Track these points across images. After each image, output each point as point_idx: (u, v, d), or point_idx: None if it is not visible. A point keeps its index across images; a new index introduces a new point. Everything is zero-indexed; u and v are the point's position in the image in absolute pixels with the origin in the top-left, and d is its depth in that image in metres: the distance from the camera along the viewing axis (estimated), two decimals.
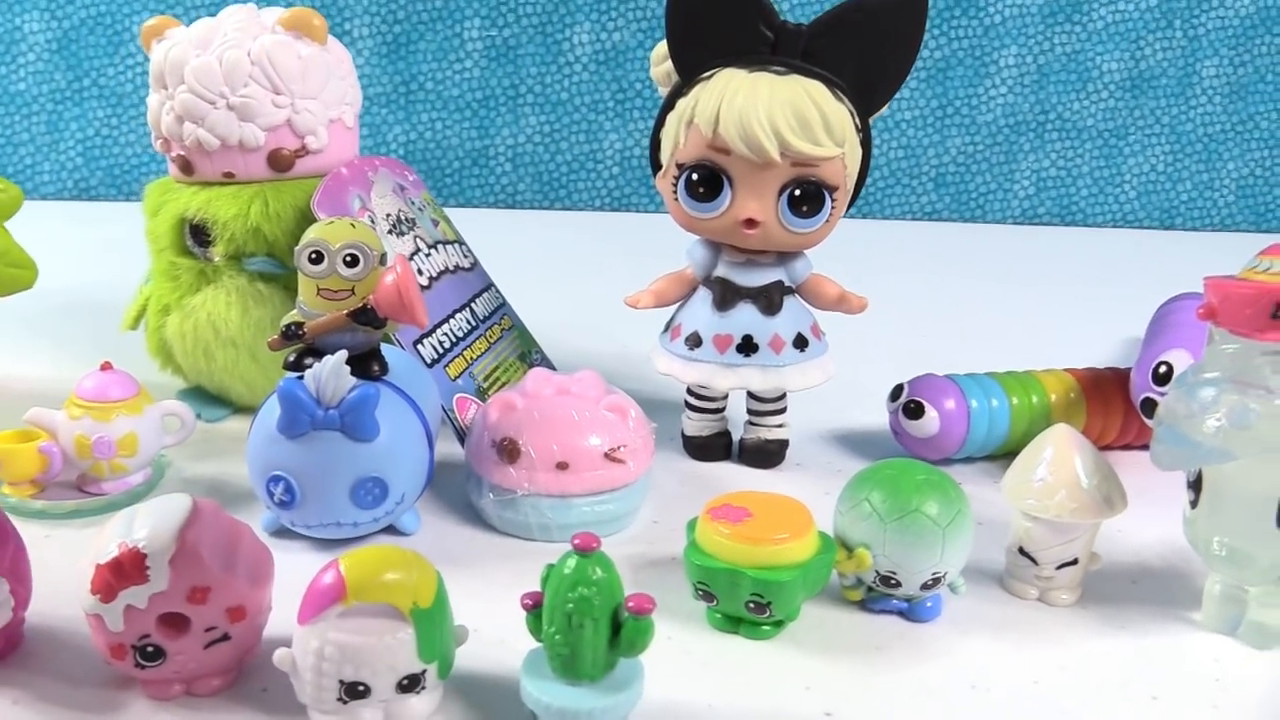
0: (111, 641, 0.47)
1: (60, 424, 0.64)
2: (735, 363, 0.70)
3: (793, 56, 0.66)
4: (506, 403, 0.64)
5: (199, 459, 0.72)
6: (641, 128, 1.50)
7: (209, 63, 0.70)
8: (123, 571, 0.46)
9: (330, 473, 0.58)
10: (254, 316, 0.74)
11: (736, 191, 0.67)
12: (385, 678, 0.46)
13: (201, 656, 0.48)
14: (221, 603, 0.47)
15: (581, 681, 0.45)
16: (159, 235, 0.76)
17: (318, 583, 0.46)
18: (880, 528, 0.55)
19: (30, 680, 0.50)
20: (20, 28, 1.46)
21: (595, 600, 0.44)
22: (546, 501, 0.62)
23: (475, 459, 0.64)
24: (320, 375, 0.57)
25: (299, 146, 0.73)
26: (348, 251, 0.60)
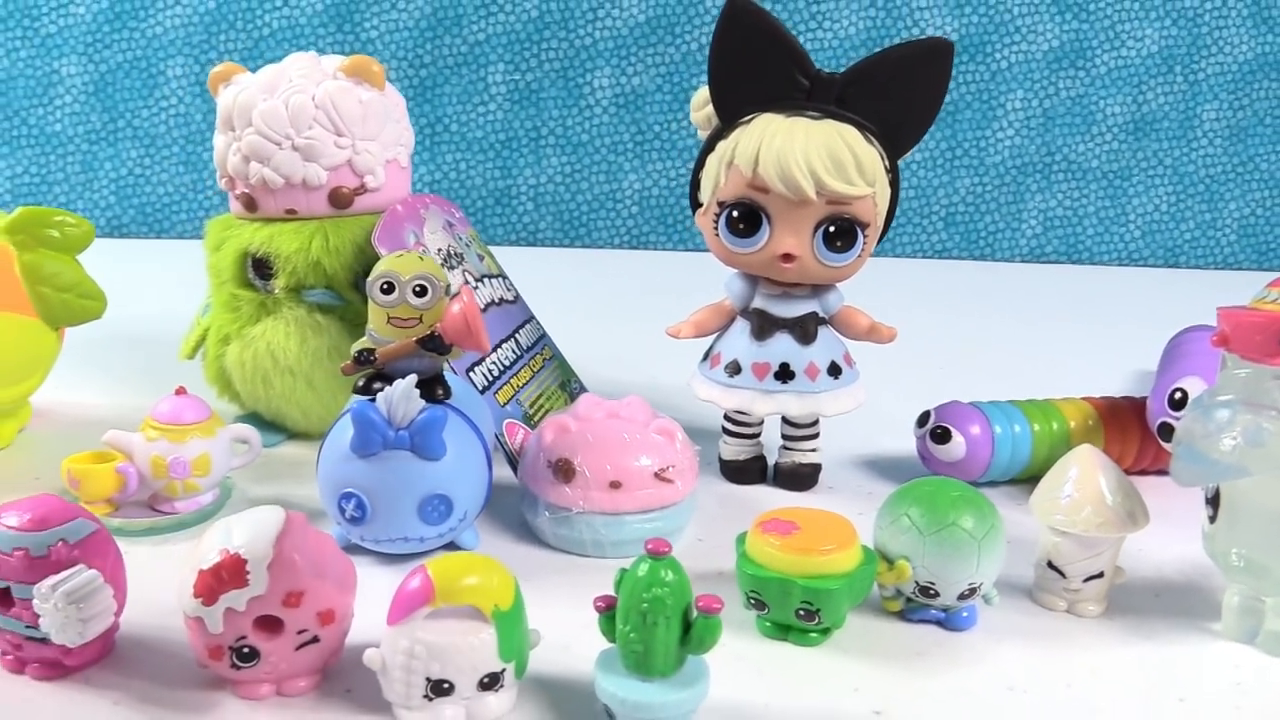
0: (210, 643, 0.50)
1: (136, 445, 0.68)
2: (773, 389, 0.74)
3: (827, 103, 0.70)
4: (560, 425, 0.68)
5: (259, 481, 0.76)
6: (660, 169, 1.55)
7: (276, 106, 0.75)
8: (224, 576, 0.49)
9: (399, 490, 0.62)
10: (312, 346, 0.78)
11: (774, 228, 0.71)
12: (468, 676, 0.49)
13: (293, 658, 0.51)
14: (313, 606, 0.51)
15: (653, 677, 0.49)
16: (221, 269, 0.80)
17: (405, 587, 0.50)
18: (920, 540, 0.59)
19: (126, 683, 0.53)
20: (58, 70, 1.51)
21: (668, 600, 0.48)
22: (600, 519, 0.66)
23: (531, 479, 0.68)
24: (392, 398, 0.61)
25: (358, 185, 0.78)
26: (417, 282, 0.64)
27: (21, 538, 0.51)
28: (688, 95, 1.53)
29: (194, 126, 1.54)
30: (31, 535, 0.51)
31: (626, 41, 1.52)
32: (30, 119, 1.53)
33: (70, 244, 0.76)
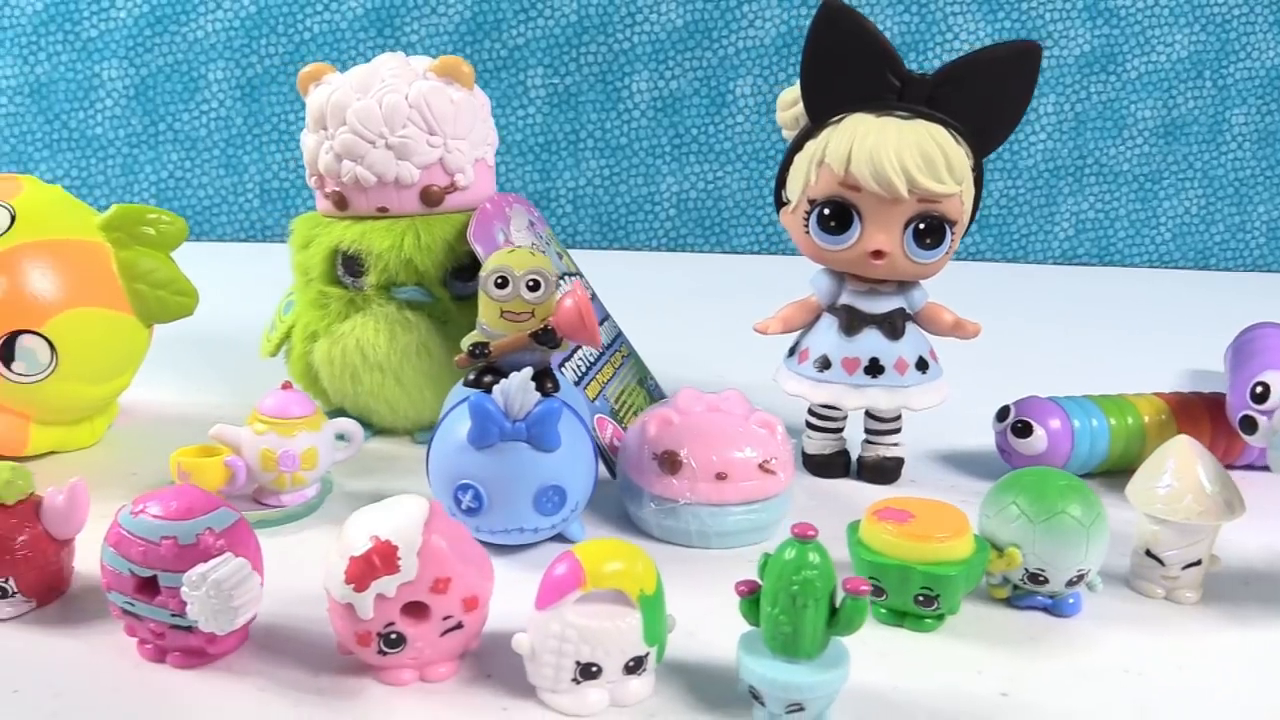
0: (359, 629, 0.51)
1: (244, 439, 0.69)
2: (862, 384, 0.75)
3: (918, 103, 0.72)
4: (663, 419, 0.69)
5: (353, 476, 0.76)
6: (697, 171, 1.57)
7: (370, 105, 0.76)
8: (377, 562, 0.50)
9: (516, 481, 0.63)
10: (401, 343, 0.78)
11: (865, 225, 0.72)
12: (616, 659, 0.50)
13: (437, 644, 0.52)
14: (459, 593, 0.52)
15: (799, 659, 0.50)
16: (310, 266, 0.81)
17: (552, 572, 0.51)
18: (1030, 528, 0.60)
19: (267, 670, 0.53)
20: (99, 74, 1.52)
21: (818, 582, 0.49)
22: (706, 510, 0.67)
23: (634, 471, 0.69)
24: (509, 391, 0.62)
25: (448, 183, 0.79)
26: (530, 277, 0.65)
27: (170, 526, 0.51)
28: (725, 99, 1.55)
29: (234, 130, 1.55)
30: (180, 524, 0.51)
31: (664, 45, 1.54)
32: (71, 122, 1.54)
33: (165, 241, 0.77)
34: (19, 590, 0.57)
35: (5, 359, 0.71)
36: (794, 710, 0.50)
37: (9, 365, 0.71)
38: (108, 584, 0.53)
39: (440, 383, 0.80)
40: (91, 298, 0.74)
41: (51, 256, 0.72)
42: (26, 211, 0.73)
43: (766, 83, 1.54)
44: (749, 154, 1.56)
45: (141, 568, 0.51)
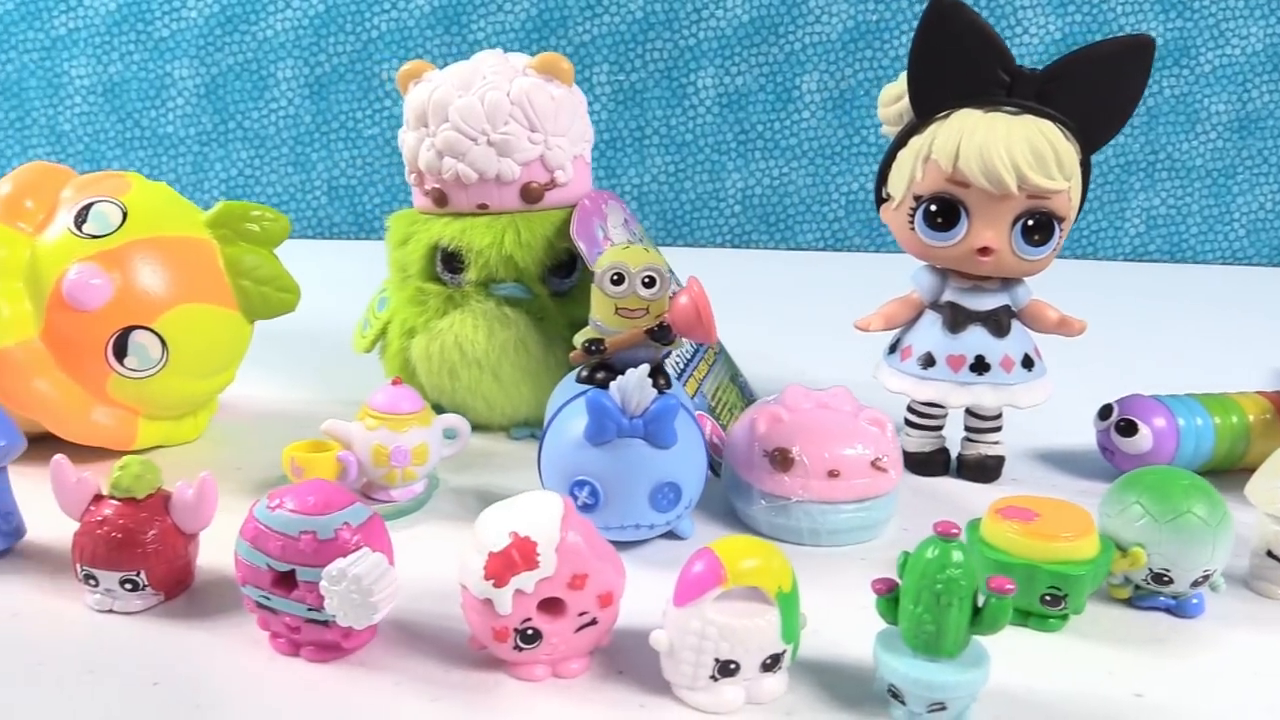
0: (496, 625, 0.51)
1: (356, 434, 0.69)
2: (968, 381, 0.75)
3: (1026, 98, 0.71)
4: (773, 416, 0.69)
5: (455, 471, 0.76)
6: (762, 168, 1.56)
7: (472, 102, 0.76)
8: (517, 558, 0.50)
9: (632, 477, 0.63)
10: (499, 339, 0.79)
11: (973, 221, 0.71)
12: (754, 656, 0.50)
13: (572, 640, 0.52)
14: (595, 589, 0.52)
15: (941, 658, 0.49)
16: (408, 263, 0.81)
17: (691, 569, 0.51)
18: (1155, 528, 0.59)
19: (401, 665, 0.54)
20: (170, 74, 1.53)
21: (962, 581, 0.48)
22: (818, 507, 0.67)
23: (744, 468, 0.69)
24: (626, 387, 0.62)
25: (548, 180, 0.79)
26: (646, 273, 0.65)
27: (309, 521, 0.52)
28: (790, 94, 1.54)
29: (303, 128, 1.56)
30: (318, 519, 0.52)
31: (730, 41, 1.53)
32: (143, 121, 1.55)
33: (268, 237, 0.78)
34: (149, 583, 0.57)
35: (118, 354, 0.71)
36: (936, 709, 0.50)
37: (121, 360, 0.72)
38: (243, 578, 0.53)
39: (537, 379, 0.80)
40: (200, 294, 0.74)
41: (162, 253, 0.73)
42: (137, 209, 0.73)
43: (832, 78, 1.53)
44: (814, 150, 1.55)
45: (279, 562, 0.52)
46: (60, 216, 0.73)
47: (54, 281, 0.70)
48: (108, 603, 0.57)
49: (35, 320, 0.71)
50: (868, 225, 1.57)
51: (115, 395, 0.73)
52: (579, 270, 0.82)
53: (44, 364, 0.71)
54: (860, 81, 1.53)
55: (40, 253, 0.71)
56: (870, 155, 1.54)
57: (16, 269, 0.71)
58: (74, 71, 1.54)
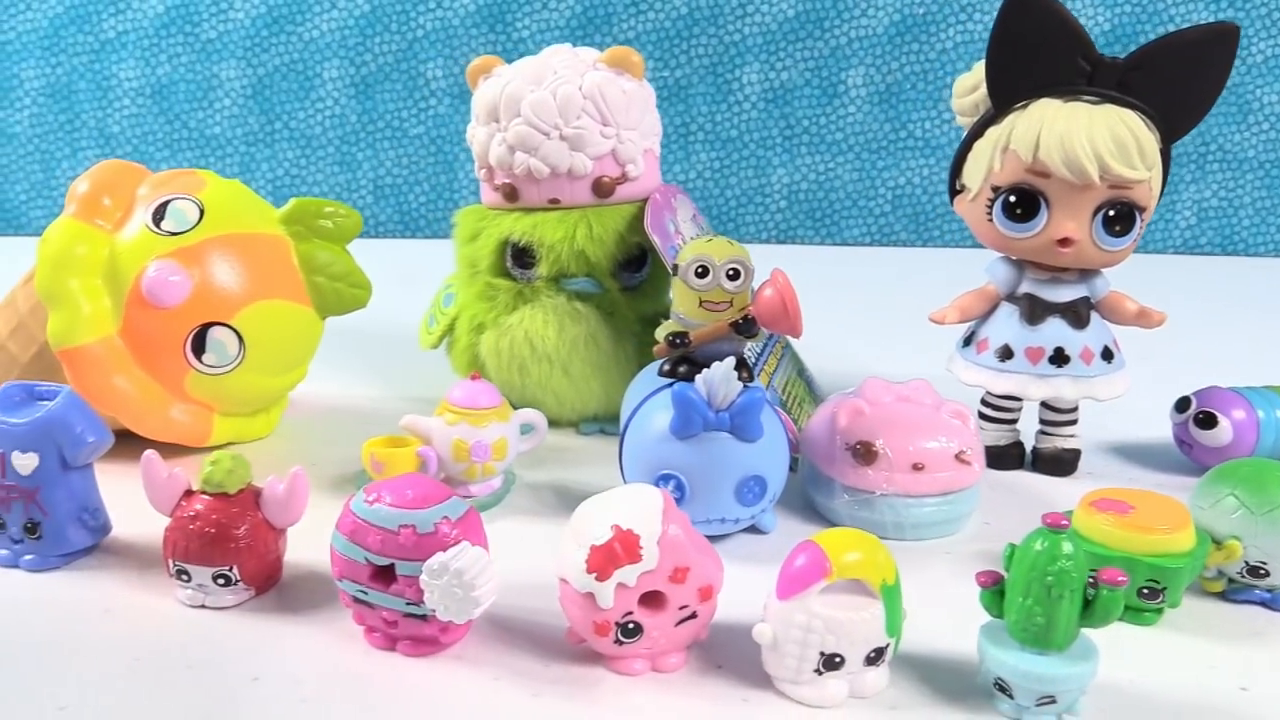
0: (598, 618, 0.51)
1: (435, 429, 0.69)
2: (1047, 373, 0.74)
3: (1107, 87, 0.70)
4: (854, 409, 0.68)
5: (529, 467, 0.76)
6: (808, 163, 1.55)
7: (544, 97, 0.76)
8: (619, 551, 0.50)
9: (718, 471, 0.63)
10: (570, 334, 0.78)
11: (1053, 212, 0.71)
12: (859, 650, 0.50)
13: (672, 633, 0.52)
14: (696, 582, 0.51)
15: (1050, 651, 0.49)
16: (478, 258, 0.81)
17: (793, 562, 0.50)
18: (1251, 521, 0.58)
19: (498, 659, 0.53)
20: (217, 75, 1.54)
21: (1074, 573, 0.48)
22: (902, 501, 0.66)
23: (824, 462, 0.68)
24: (712, 380, 0.62)
25: (620, 174, 0.78)
26: (731, 266, 0.64)
27: (408, 515, 0.51)
28: (836, 89, 1.53)
29: (349, 127, 1.56)
30: (417, 513, 0.51)
31: (775, 36, 1.52)
32: (190, 122, 1.56)
33: (341, 234, 0.77)
34: (241, 578, 0.57)
35: (196, 351, 0.71)
36: (1045, 703, 0.49)
37: (200, 357, 0.72)
38: (340, 572, 0.53)
39: (607, 374, 0.80)
40: (276, 290, 0.74)
41: (239, 250, 0.73)
42: (213, 205, 0.73)
43: (878, 72, 1.52)
44: (860, 144, 1.54)
45: (378, 556, 0.52)
46: (137, 214, 0.73)
47: (133, 278, 0.70)
48: (199, 598, 0.57)
49: (114, 317, 0.71)
50: (914, 220, 1.56)
51: (192, 392, 0.73)
52: (649, 265, 0.81)
53: (123, 361, 0.71)
54: (906, 75, 1.52)
55: (119, 250, 0.71)
56: (917, 150, 1.53)
57: (96, 266, 0.71)
58: (122, 74, 1.54)
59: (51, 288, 0.70)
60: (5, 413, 0.61)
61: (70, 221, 0.72)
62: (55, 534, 0.61)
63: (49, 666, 0.52)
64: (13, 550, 0.62)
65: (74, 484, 0.61)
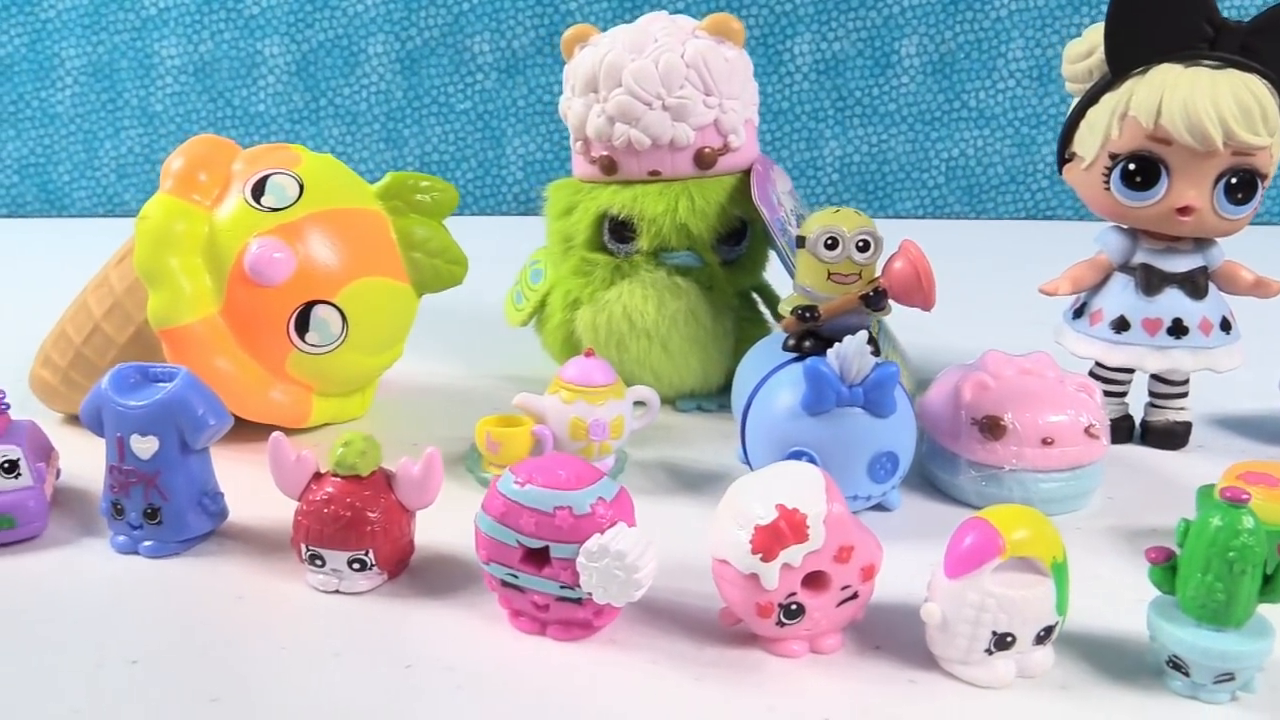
0: (761, 600, 0.49)
1: (550, 408, 0.67)
2: (1166, 345, 0.72)
3: (1230, 52, 0.68)
4: (979, 383, 0.67)
5: (634, 445, 0.74)
6: (860, 134, 1.53)
7: (646, 66, 0.74)
8: (787, 531, 0.48)
9: (851, 448, 0.61)
10: (670, 309, 0.77)
11: (1174, 180, 0.69)
12: (1030, 628, 0.48)
13: (832, 614, 0.51)
14: (859, 561, 0.50)
15: (1228, 627, 0.47)
16: (574, 233, 0.79)
17: (962, 540, 0.49)
18: None
19: (650, 642, 0.52)
20: (261, 51, 1.52)
21: (1256, 548, 0.46)
22: (1030, 477, 0.65)
23: (947, 438, 0.67)
24: (846, 355, 0.60)
25: (722, 145, 0.76)
26: (861, 237, 0.63)
27: (563, 496, 0.50)
28: (889, 59, 1.51)
29: (394, 104, 1.54)
30: (573, 494, 0.50)
31: (827, 6, 1.50)
32: (234, 100, 1.54)
33: (438, 209, 0.76)
34: (376, 563, 0.56)
35: (299, 330, 0.70)
36: (1223, 680, 0.48)
37: (303, 336, 0.70)
38: (488, 556, 0.52)
39: (705, 350, 0.78)
40: (376, 267, 0.73)
41: (339, 226, 0.71)
42: (312, 181, 0.72)
43: (932, 42, 1.50)
44: (914, 116, 1.52)
45: (532, 539, 0.50)
46: (234, 190, 0.71)
47: (234, 256, 0.69)
48: (333, 583, 0.56)
49: (216, 296, 0.69)
50: (967, 192, 1.54)
51: (292, 372, 0.72)
52: (748, 238, 0.80)
53: (225, 341, 0.69)
54: (960, 45, 1.50)
55: (218, 227, 0.69)
56: (971, 121, 1.51)
57: (195, 244, 0.69)
58: (165, 51, 1.52)
59: (151, 266, 0.68)
60: (121, 395, 0.59)
61: (168, 198, 0.70)
62: (175, 519, 0.59)
63: (191, 656, 0.51)
64: (131, 536, 0.60)
65: (192, 468, 0.60)
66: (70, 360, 0.74)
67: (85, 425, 0.60)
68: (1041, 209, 1.54)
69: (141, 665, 0.50)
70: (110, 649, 0.51)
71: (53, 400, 0.77)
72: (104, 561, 0.60)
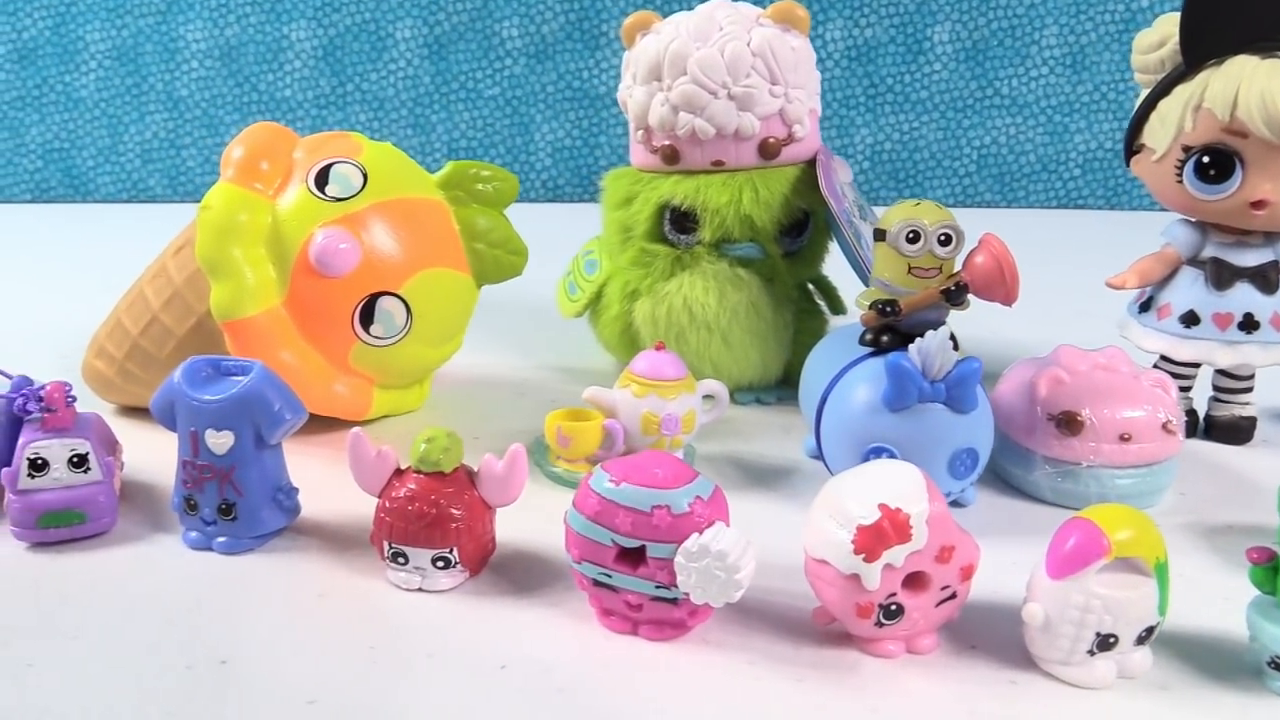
0: (862, 600, 0.49)
1: (621, 402, 0.67)
2: (1236, 340, 0.72)
3: None
4: (1054, 378, 0.66)
5: (699, 439, 0.73)
6: (892, 122, 1.52)
7: (712, 54, 0.73)
8: (890, 531, 0.48)
9: (932, 444, 0.60)
10: (731, 301, 0.76)
11: (1249, 173, 0.68)
12: (1133, 629, 0.48)
13: (930, 614, 0.50)
14: (959, 561, 0.50)
15: None
16: (634, 223, 0.78)
17: (1065, 541, 0.48)
18: None
19: (743, 642, 0.51)
20: (287, 36, 1.50)
21: None
22: (1107, 473, 0.64)
23: (1020, 433, 0.66)
24: (929, 350, 0.59)
25: (786, 135, 0.75)
26: (943, 230, 0.62)
27: (661, 495, 0.49)
28: (921, 46, 1.50)
29: (422, 89, 1.52)
30: (671, 493, 0.49)
31: None
32: (260, 85, 1.52)
33: (499, 198, 0.75)
34: (459, 561, 0.55)
35: (364, 321, 0.69)
36: None
37: (367, 328, 0.69)
38: (580, 555, 0.51)
39: (765, 342, 0.78)
40: (439, 258, 0.72)
41: (403, 216, 0.70)
42: (375, 170, 0.70)
43: (965, 29, 1.49)
44: (945, 103, 1.51)
45: (628, 538, 0.49)
46: (295, 179, 0.70)
47: (299, 246, 0.68)
48: (415, 581, 0.55)
49: (280, 287, 0.68)
50: (999, 181, 1.53)
51: (355, 364, 0.71)
52: (810, 229, 0.79)
53: (288, 333, 0.68)
54: (994, 32, 1.48)
55: (281, 216, 0.68)
56: (1003, 108, 1.50)
57: (258, 234, 0.68)
58: (190, 36, 1.50)
59: (215, 257, 0.67)
60: (194, 389, 0.58)
61: (230, 187, 0.69)
62: (250, 515, 0.59)
63: (282, 656, 0.50)
64: (205, 532, 0.59)
65: (266, 463, 0.59)
66: (126, 351, 0.73)
67: (156, 419, 0.60)
68: (1073, 198, 1.53)
69: (231, 666, 0.49)
70: (199, 649, 0.50)
71: (107, 391, 0.76)
72: (177, 558, 0.59)
